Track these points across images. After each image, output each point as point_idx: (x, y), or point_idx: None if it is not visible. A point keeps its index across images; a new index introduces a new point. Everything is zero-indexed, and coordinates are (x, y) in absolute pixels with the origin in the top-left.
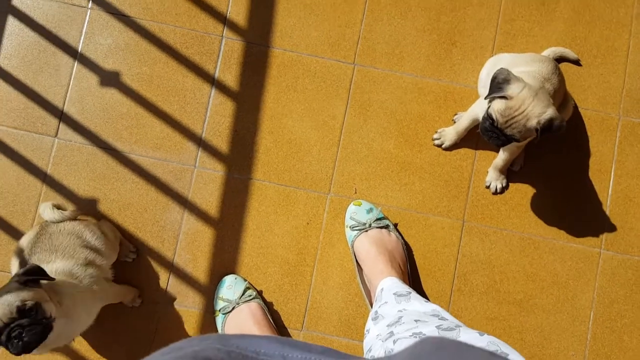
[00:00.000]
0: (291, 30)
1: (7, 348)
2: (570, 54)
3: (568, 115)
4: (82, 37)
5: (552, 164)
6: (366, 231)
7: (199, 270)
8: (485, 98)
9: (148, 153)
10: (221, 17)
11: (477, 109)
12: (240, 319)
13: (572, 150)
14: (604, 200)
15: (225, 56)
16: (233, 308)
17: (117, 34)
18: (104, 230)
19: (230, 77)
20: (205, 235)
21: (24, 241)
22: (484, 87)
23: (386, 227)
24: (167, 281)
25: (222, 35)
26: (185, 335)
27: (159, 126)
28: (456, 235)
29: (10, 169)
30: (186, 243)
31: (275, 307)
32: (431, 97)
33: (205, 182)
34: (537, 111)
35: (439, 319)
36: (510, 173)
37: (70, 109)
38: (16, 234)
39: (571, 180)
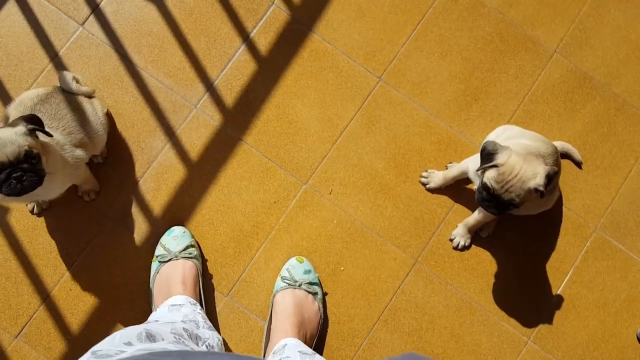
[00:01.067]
0: (337, 25)
1: None
2: (576, 154)
3: (551, 204)
4: None
5: (517, 244)
6: (294, 289)
7: (157, 202)
8: (478, 170)
9: (159, 76)
10: None
11: (470, 163)
12: (172, 272)
13: (541, 240)
14: (550, 297)
15: (267, 21)
16: (170, 259)
17: None
18: (104, 118)
19: (263, 41)
20: (176, 173)
21: (30, 94)
22: None
23: (314, 294)
24: (122, 200)
25: (273, 2)
26: (112, 260)
27: (179, 57)
28: (404, 271)
29: (27, 36)
30: (156, 172)
31: (210, 266)
32: (435, 138)
33: (198, 125)
34: (529, 173)
35: None
36: (477, 236)
37: (106, 6)
38: (5, 97)
39: (528, 267)
